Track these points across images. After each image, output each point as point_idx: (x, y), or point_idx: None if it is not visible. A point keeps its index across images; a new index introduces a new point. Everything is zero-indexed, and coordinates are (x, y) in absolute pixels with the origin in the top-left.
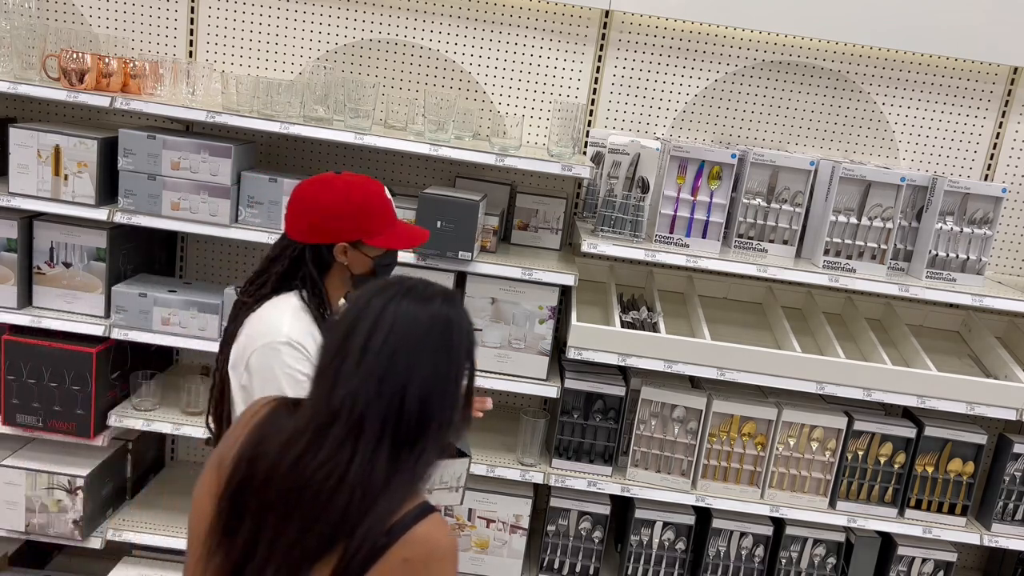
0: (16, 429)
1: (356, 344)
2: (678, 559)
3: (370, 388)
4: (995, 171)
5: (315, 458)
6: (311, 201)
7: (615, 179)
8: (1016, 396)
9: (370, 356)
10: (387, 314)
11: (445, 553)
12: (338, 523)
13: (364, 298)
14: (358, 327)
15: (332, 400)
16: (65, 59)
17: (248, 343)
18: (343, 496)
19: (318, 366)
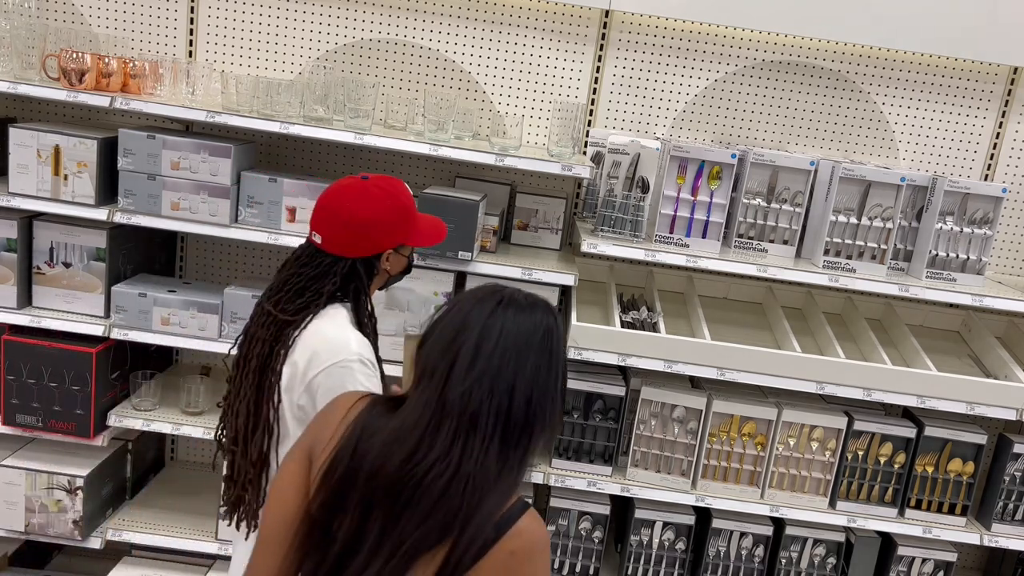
0: (16, 429)
1: (467, 348)
2: (678, 559)
3: (483, 389)
4: (995, 171)
5: (427, 455)
6: (359, 217)
7: (615, 179)
8: (1016, 396)
9: (482, 360)
10: (495, 321)
11: (544, 544)
12: (451, 518)
13: (465, 306)
14: (466, 333)
15: (445, 399)
16: (65, 59)
17: (312, 362)
18: (456, 492)
19: (422, 367)
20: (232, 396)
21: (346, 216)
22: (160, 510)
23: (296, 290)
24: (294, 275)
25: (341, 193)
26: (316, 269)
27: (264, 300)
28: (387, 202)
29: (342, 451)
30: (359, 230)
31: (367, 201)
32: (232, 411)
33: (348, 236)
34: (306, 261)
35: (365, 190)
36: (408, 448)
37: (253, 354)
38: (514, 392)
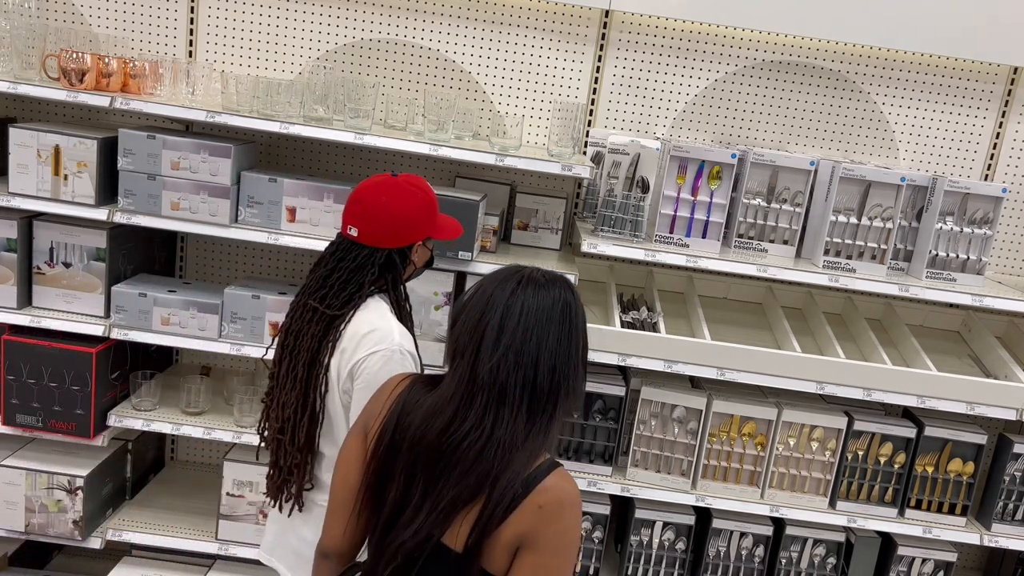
0: (16, 429)
1: (492, 327)
2: (678, 559)
3: (509, 363)
4: (995, 171)
5: (462, 426)
6: (393, 210)
7: (615, 179)
8: (1016, 396)
9: (506, 336)
10: (516, 300)
11: (573, 500)
12: (483, 477)
13: (488, 287)
14: (490, 312)
15: (475, 375)
16: (65, 59)
17: (357, 349)
18: (488, 455)
19: (454, 347)
20: (277, 390)
21: (383, 209)
22: (160, 510)
23: (339, 284)
24: (334, 270)
25: (377, 189)
26: (354, 261)
27: (306, 298)
28: (419, 197)
29: (387, 424)
30: (394, 223)
31: (401, 196)
32: (277, 403)
33: (384, 228)
34: (343, 255)
35: (398, 186)
36: (445, 419)
37: (301, 349)
38: (538, 363)
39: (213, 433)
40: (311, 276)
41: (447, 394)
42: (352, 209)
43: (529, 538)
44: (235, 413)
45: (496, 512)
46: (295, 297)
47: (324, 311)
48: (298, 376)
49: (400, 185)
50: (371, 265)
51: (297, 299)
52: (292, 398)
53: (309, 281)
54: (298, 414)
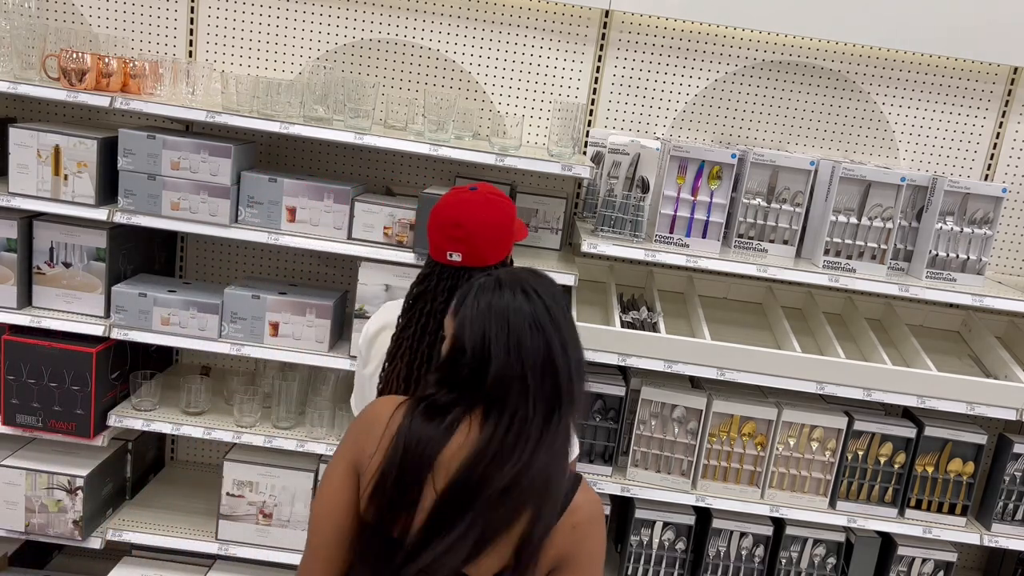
0: (16, 429)
1: (487, 344)
2: (678, 559)
3: (547, 386)
4: (995, 171)
5: (497, 462)
6: (495, 228)
7: (615, 179)
8: (1016, 396)
9: (506, 357)
10: (522, 311)
11: (601, 513)
12: (528, 502)
13: (473, 311)
14: (500, 333)
15: (492, 402)
16: (65, 59)
17: None
18: (529, 484)
19: (460, 377)
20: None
21: (485, 229)
22: (160, 510)
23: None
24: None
25: (472, 209)
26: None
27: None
28: (507, 207)
29: (390, 461)
30: (499, 237)
31: (495, 211)
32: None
33: (492, 246)
34: (453, 283)
35: (489, 201)
36: (476, 458)
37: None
38: (568, 374)
39: (213, 433)
40: (414, 314)
41: (494, 433)
42: (452, 235)
43: (565, 559)
44: (235, 413)
45: (536, 536)
46: (395, 345)
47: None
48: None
49: (490, 200)
50: None
51: (409, 344)
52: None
53: (420, 322)
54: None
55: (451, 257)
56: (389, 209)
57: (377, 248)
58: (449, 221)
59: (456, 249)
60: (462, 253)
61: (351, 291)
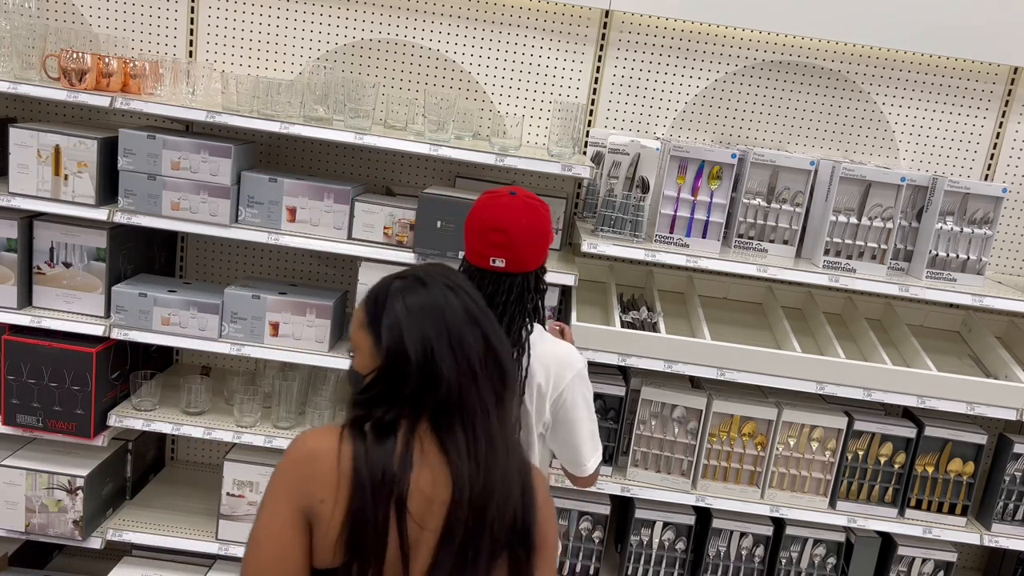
0: (16, 429)
1: (429, 349)
2: (678, 559)
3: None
4: (995, 171)
5: (489, 485)
6: (537, 233)
7: (615, 179)
8: (1016, 396)
9: (453, 362)
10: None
11: (549, 492)
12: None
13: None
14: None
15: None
16: (65, 59)
17: (556, 382)
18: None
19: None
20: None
21: (527, 234)
22: (160, 510)
23: (507, 321)
24: (493, 307)
25: (514, 215)
26: (512, 293)
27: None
28: (546, 210)
29: (360, 504)
30: (541, 244)
31: (535, 216)
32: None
33: (534, 251)
34: (495, 289)
35: (530, 207)
36: (460, 483)
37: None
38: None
39: (213, 433)
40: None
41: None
42: (495, 240)
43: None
44: (235, 413)
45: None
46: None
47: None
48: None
49: (531, 205)
50: (528, 291)
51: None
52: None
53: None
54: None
55: (494, 263)
56: (389, 209)
57: (377, 248)
58: (492, 226)
59: (499, 255)
60: (506, 259)
61: (351, 291)
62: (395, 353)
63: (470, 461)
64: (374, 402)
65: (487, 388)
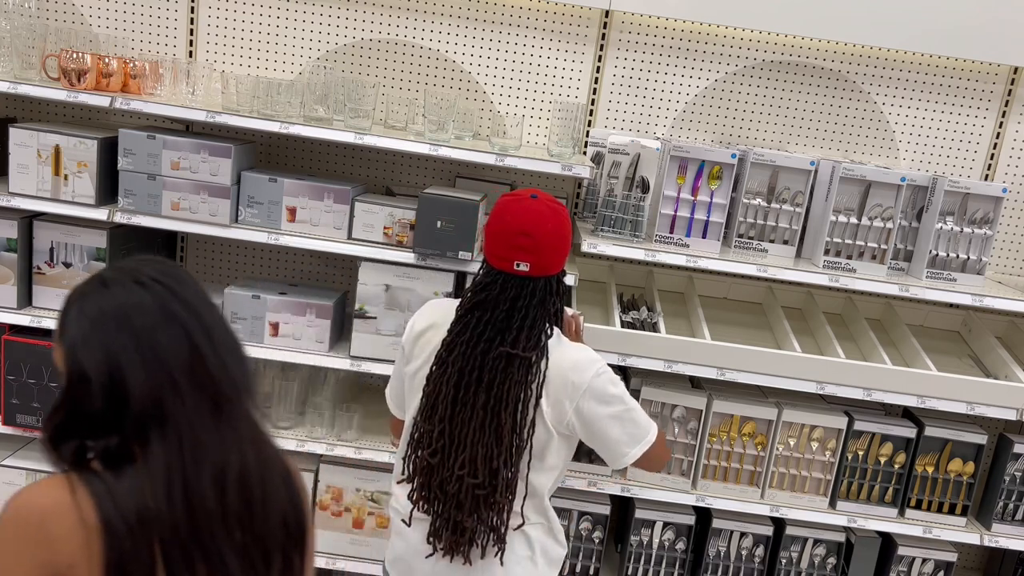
0: (16, 429)
1: (115, 361)
2: (678, 559)
3: (159, 377)
4: (995, 171)
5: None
6: (560, 237)
7: (615, 179)
8: (1016, 396)
9: (131, 361)
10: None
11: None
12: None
13: (75, 326)
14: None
15: (136, 412)
16: (65, 59)
17: (575, 386)
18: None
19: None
20: (462, 446)
21: (552, 238)
22: None
23: (528, 324)
24: (513, 311)
25: (538, 219)
26: (534, 296)
27: (480, 344)
28: (567, 214)
29: (120, 556)
30: (564, 247)
31: (558, 219)
32: (470, 460)
33: (557, 256)
34: (517, 293)
35: (552, 210)
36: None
37: (506, 400)
38: (201, 370)
39: None
40: (470, 320)
41: (170, 462)
42: (520, 244)
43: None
44: None
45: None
46: (447, 350)
47: (522, 355)
48: (504, 427)
49: (554, 209)
50: (550, 295)
51: (463, 349)
52: (500, 449)
53: (478, 329)
54: (509, 461)
55: (518, 267)
56: (389, 209)
57: (377, 248)
58: (517, 230)
59: (524, 259)
60: (530, 263)
61: (351, 291)
62: (74, 373)
63: (171, 474)
64: (75, 430)
65: (196, 394)
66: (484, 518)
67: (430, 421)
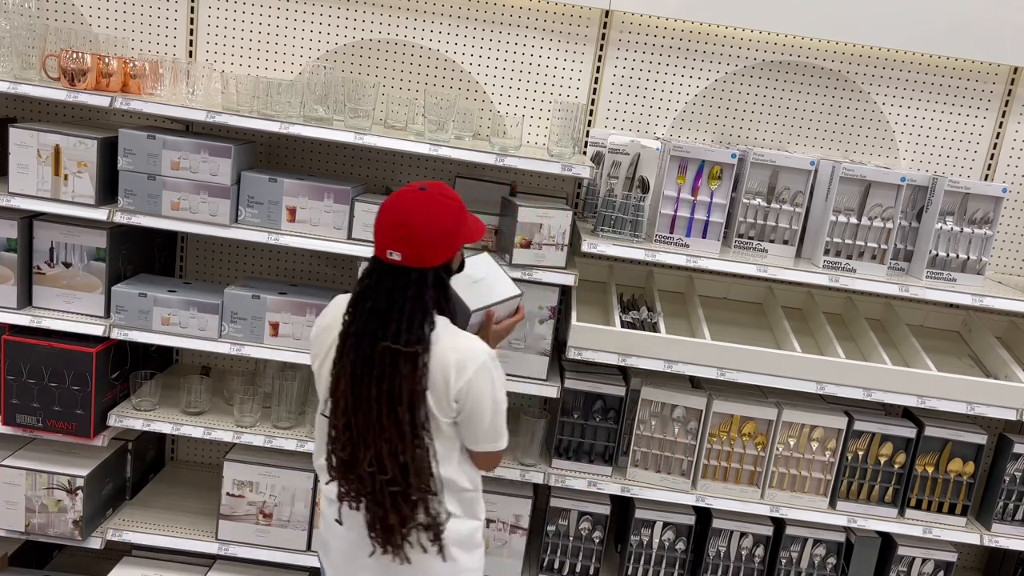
0: (16, 429)
1: None
2: (678, 559)
3: None
4: (995, 171)
5: None
6: (437, 228)
7: (615, 179)
8: (1016, 396)
9: None
10: None
11: None
12: None
13: None
14: None
15: None
16: (65, 59)
17: (455, 379)
18: None
19: None
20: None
21: (427, 230)
22: (160, 510)
23: (408, 315)
24: (392, 302)
25: (416, 208)
26: (411, 288)
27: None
28: (454, 208)
29: None
30: (443, 240)
31: (441, 211)
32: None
33: (433, 248)
34: (393, 283)
35: (436, 200)
36: None
37: (400, 394)
38: None
39: (213, 433)
40: (360, 309)
41: None
42: (395, 234)
43: None
44: (235, 413)
45: None
46: (342, 341)
47: (403, 349)
48: (403, 421)
49: (436, 199)
50: (427, 287)
51: (353, 342)
52: (405, 444)
53: (356, 317)
54: (416, 455)
55: (391, 256)
56: None
57: None
58: (393, 220)
59: (397, 248)
60: (402, 253)
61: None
62: None
63: None
64: None
65: None
66: (407, 515)
67: (336, 416)
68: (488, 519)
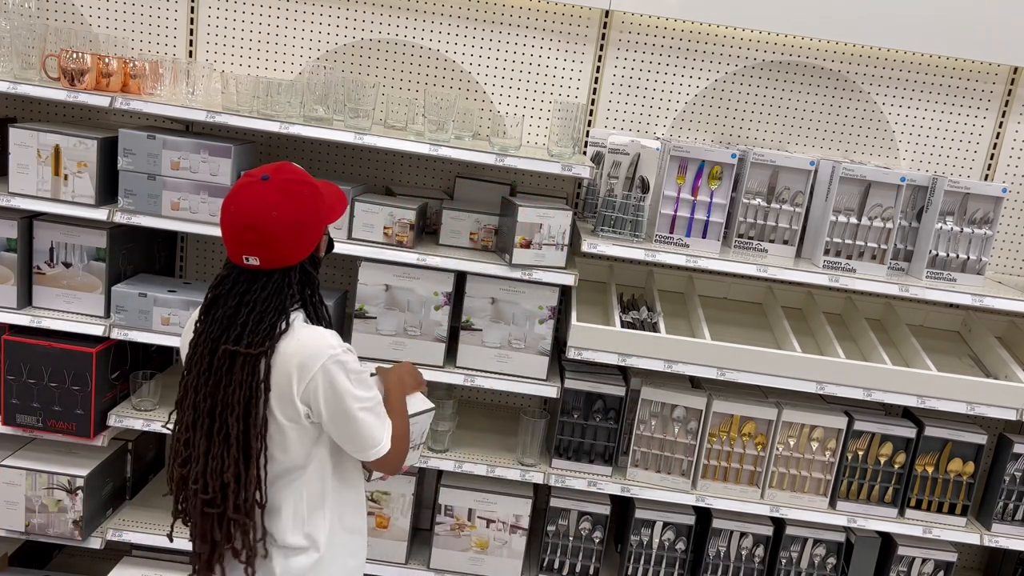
0: (16, 429)
1: None
2: (678, 559)
3: None
4: (995, 171)
5: None
6: (293, 223)
7: (615, 179)
8: (1016, 396)
9: None
10: None
11: None
12: None
13: None
14: None
15: None
16: (65, 59)
17: (299, 380)
18: None
19: None
20: (198, 456)
21: (283, 227)
22: (160, 510)
23: (254, 319)
24: (240, 306)
25: (264, 205)
26: (265, 290)
27: (210, 342)
28: (308, 192)
29: None
30: (302, 233)
31: (293, 201)
32: (202, 471)
33: (294, 244)
34: (246, 288)
35: (284, 190)
36: None
37: (231, 403)
38: None
39: None
40: (209, 317)
41: None
42: (246, 238)
43: None
44: None
45: None
46: (192, 351)
47: (247, 352)
48: (232, 434)
49: (284, 188)
50: (288, 287)
51: (195, 350)
52: (229, 460)
53: (206, 327)
54: (242, 473)
55: (248, 261)
56: (389, 209)
57: (377, 248)
58: (241, 223)
59: (252, 253)
60: (260, 257)
61: (351, 291)
62: None
63: None
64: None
65: None
66: (218, 539)
67: (179, 431)
68: (488, 519)
